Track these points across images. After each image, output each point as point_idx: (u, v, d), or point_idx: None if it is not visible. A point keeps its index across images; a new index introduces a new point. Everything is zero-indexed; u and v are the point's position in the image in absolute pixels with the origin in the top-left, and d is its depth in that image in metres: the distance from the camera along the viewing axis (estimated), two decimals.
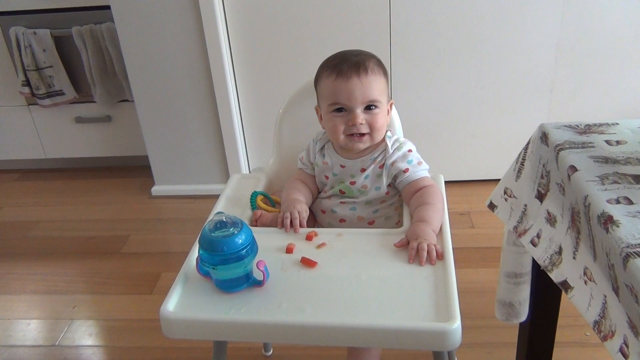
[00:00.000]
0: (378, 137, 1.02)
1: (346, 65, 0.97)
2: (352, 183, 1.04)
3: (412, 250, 0.86)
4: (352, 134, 1.00)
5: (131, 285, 1.74)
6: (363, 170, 1.04)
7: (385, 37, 1.90)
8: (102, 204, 2.28)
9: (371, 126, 1.00)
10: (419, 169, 1.02)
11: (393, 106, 1.10)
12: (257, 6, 1.89)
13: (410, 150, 1.04)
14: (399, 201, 1.06)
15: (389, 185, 1.04)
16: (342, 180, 1.05)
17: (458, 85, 1.97)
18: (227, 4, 1.90)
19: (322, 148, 1.09)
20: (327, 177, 1.08)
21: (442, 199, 1.00)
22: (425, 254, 0.85)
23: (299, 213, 0.97)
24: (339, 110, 1.00)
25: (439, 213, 0.95)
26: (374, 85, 0.98)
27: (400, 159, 1.02)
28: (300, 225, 0.96)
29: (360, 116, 0.98)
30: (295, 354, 1.41)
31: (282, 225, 0.96)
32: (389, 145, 1.03)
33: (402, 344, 0.73)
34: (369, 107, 0.99)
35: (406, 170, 1.02)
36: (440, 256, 0.85)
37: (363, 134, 1.00)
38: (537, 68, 1.93)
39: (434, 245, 0.86)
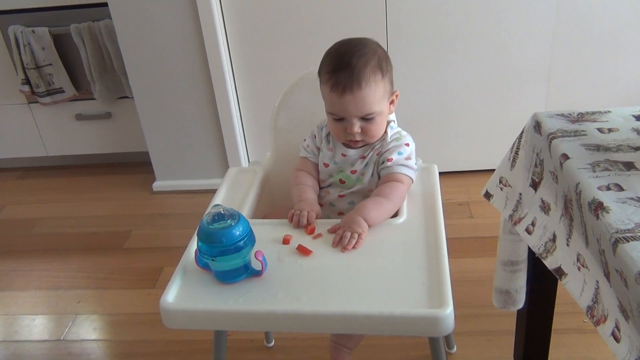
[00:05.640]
0: (376, 138, 1.03)
1: (341, 74, 0.95)
2: (353, 172, 1.05)
3: (336, 236, 0.90)
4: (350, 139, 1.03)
5: (134, 280, 1.76)
6: (363, 157, 1.05)
7: (381, 27, 1.90)
8: (104, 200, 2.30)
9: (367, 133, 1.01)
10: (404, 163, 1.02)
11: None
12: (254, 2, 1.90)
13: (407, 144, 1.04)
14: None
15: None
16: (342, 169, 1.06)
17: (455, 76, 1.98)
18: None
19: (328, 134, 1.09)
20: (326, 165, 1.08)
21: (401, 198, 0.99)
22: (346, 241, 0.88)
23: (310, 215, 0.97)
24: (337, 118, 1.00)
25: (384, 207, 0.96)
26: (368, 99, 0.96)
27: (393, 148, 1.03)
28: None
29: (356, 125, 0.99)
30: (297, 345, 1.42)
31: (292, 220, 0.96)
32: (389, 135, 1.04)
33: (396, 331, 0.75)
34: (365, 117, 0.99)
35: (390, 160, 1.02)
36: (357, 246, 0.88)
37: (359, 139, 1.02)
38: (533, 57, 1.93)
39: (359, 234, 0.89)
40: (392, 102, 1.05)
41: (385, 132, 1.05)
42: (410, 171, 1.02)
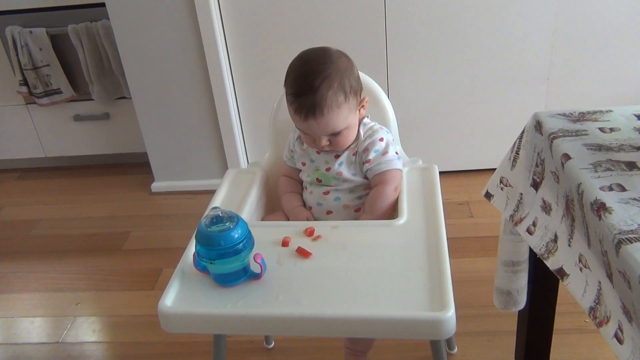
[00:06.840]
0: (346, 147, 1.04)
1: (304, 99, 0.95)
2: (328, 169, 1.06)
3: None
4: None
5: (133, 281, 1.75)
6: (337, 157, 1.05)
7: (380, 27, 1.89)
8: (103, 201, 2.29)
9: (336, 144, 1.02)
10: (382, 160, 1.03)
11: (388, 97, 1.11)
12: (252, 1, 1.89)
13: (381, 139, 1.04)
14: None
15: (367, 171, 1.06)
16: (318, 168, 1.07)
17: (455, 75, 1.97)
18: None
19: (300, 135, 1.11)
20: (304, 164, 1.10)
21: (390, 197, 1.01)
22: None
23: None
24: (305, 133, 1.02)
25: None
26: (332, 122, 0.97)
27: (369, 147, 1.04)
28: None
29: (324, 140, 1.00)
30: (297, 346, 1.42)
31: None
32: (362, 133, 1.05)
33: (397, 334, 0.74)
34: (333, 134, 1.00)
35: (368, 161, 1.03)
36: None
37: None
38: (533, 56, 1.92)
39: None
40: (362, 107, 1.04)
41: (358, 131, 1.05)
42: (392, 164, 1.03)
